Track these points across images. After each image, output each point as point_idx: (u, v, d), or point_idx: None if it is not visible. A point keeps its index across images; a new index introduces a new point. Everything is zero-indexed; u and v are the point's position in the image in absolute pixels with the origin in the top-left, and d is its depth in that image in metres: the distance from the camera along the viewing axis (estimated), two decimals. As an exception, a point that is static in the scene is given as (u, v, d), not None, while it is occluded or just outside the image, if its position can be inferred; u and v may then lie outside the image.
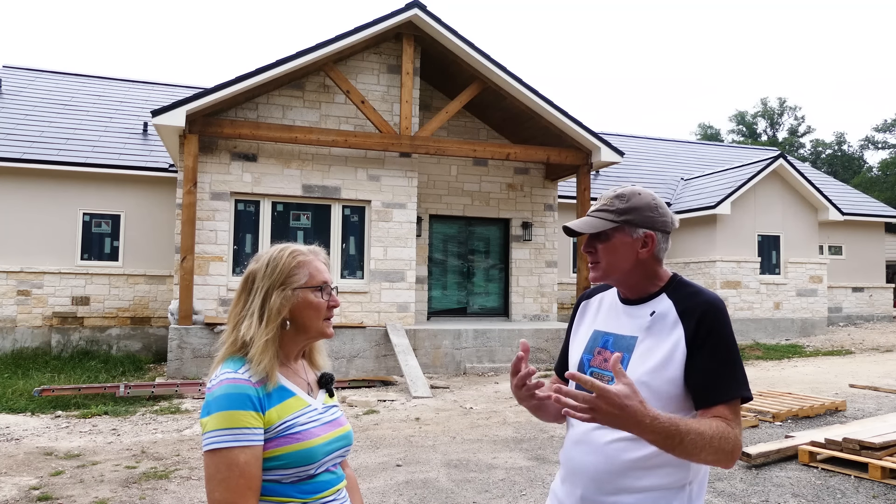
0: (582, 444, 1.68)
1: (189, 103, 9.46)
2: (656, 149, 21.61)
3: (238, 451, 1.38)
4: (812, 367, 11.24)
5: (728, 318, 1.62)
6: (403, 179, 11.26)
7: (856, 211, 18.46)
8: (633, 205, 1.69)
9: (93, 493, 4.72)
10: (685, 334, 1.59)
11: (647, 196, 1.71)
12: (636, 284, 1.72)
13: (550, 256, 13.23)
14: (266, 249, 1.62)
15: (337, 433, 1.56)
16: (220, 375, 1.46)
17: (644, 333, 1.66)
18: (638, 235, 1.68)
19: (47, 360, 10.88)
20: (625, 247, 1.68)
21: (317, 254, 1.63)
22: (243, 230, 10.60)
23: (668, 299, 1.67)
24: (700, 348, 1.57)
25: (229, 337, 1.54)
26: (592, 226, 1.70)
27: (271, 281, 1.54)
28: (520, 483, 4.99)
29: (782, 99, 48.73)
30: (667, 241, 1.73)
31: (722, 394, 1.55)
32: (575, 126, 11.37)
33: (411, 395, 8.58)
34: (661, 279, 1.72)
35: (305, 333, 1.58)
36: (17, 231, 11.88)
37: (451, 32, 10.73)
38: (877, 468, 4.95)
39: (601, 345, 1.73)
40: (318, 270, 1.59)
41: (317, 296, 1.57)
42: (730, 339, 1.60)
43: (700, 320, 1.59)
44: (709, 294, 1.66)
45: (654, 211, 1.69)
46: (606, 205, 1.71)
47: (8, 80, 15.14)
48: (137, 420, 7.16)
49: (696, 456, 1.47)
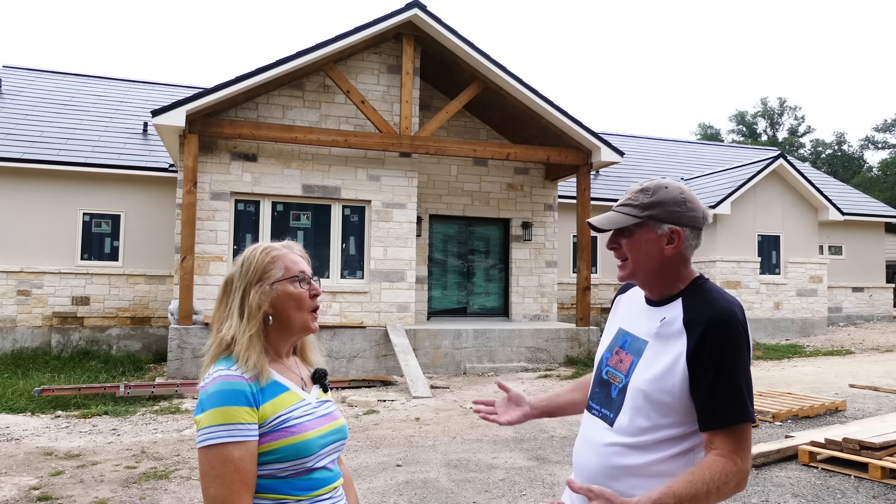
0: (585, 443, 1.68)
1: (189, 103, 9.46)
2: (656, 149, 21.61)
3: (232, 446, 1.39)
4: (812, 367, 11.24)
5: (737, 332, 1.50)
6: (403, 179, 11.26)
7: (856, 211, 18.45)
8: (657, 199, 1.60)
9: (93, 493, 4.72)
10: (686, 347, 1.52)
11: (674, 189, 1.61)
12: (659, 285, 1.64)
13: (550, 256, 13.23)
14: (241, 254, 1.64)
15: (331, 427, 1.57)
16: (214, 373, 1.47)
17: (653, 339, 1.60)
18: (663, 231, 1.59)
19: (47, 360, 10.87)
20: (649, 243, 1.59)
21: (291, 248, 1.64)
22: (243, 230, 10.60)
23: (680, 305, 1.59)
24: (701, 366, 1.49)
25: (214, 339, 1.55)
26: (614, 221, 1.63)
27: (247, 279, 1.55)
28: (520, 483, 4.99)
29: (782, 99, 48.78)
30: (697, 238, 1.62)
31: (720, 419, 1.49)
32: (575, 126, 11.37)
33: (411, 395, 8.58)
34: (683, 281, 1.63)
35: (289, 328, 1.58)
36: (17, 231, 11.88)
37: (451, 32, 10.73)
38: (877, 468, 4.95)
39: (620, 344, 1.69)
40: (293, 262, 1.59)
41: (296, 286, 1.57)
42: (734, 356, 1.49)
43: (703, 335, 1.50)
44: (722, 303, 1.54)
45: (681, 205, 1.59)
46: (631, 199, 1.63)
47: (8, 80, 15.14)
48: (137, 420, 7.16)
49: None
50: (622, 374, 1.63)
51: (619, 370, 1.65)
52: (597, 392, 1.71)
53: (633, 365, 1.61)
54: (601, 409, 1.67)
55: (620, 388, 1.62)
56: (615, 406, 1.62)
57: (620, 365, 1.65)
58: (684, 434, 1.56)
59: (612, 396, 1.65)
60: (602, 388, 1.69)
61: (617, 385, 1.64)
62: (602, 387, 1.69)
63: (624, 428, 1.58)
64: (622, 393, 1.61)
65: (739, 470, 1.48)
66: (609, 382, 1.67)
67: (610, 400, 1.65)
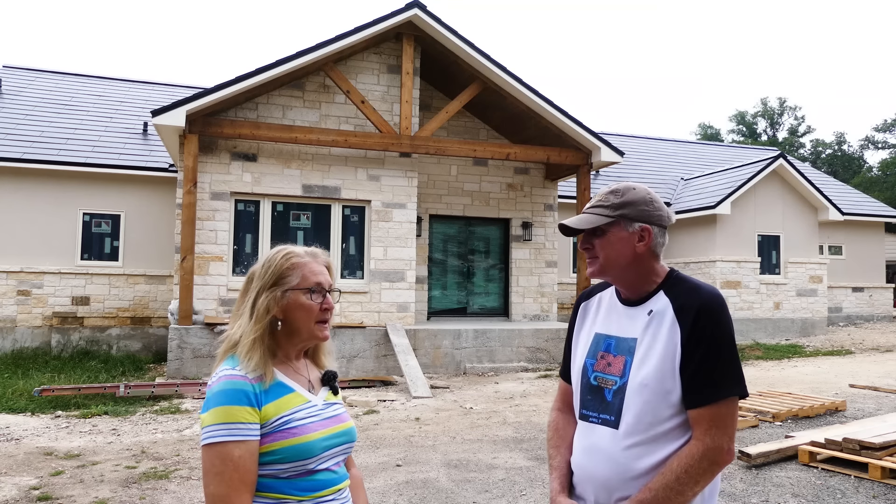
0: (591, 452, 1.67)
1: (189, 103, 9.46)
2: (656, 149, 21.61)
3: (232, 445, 1.40)
4: (812, 367, 11.24)
5: (726, 314, 1.60)
6: (403, 179, 11.26)
7: (856, 211, 18.46)
8: (627, 199, 1.68)
9: (93, 493, 4.72)
10: (681, 333, 1.58)
11: (641, 191, 1.70)
12: (634, 282, 1.70)
13: (550, 256, 13.23)
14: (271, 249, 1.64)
15: (337, 429, 1.57)
16: (220, 372, 1.49)
17: (643, 334, 1.64)
18: (634, 229, 1.67)
19: (47, 360, 10.88)
20: (621, 241, 1.67)
21: (315, 256, 1.63)
22: (243, 230, 10.60)
23: (665, 297, 1.66)
24: (695, 347, 1.56)
25: (226, 335, 1.57)
26: (588, 221, 1.69)
27: (263, 282, 1.56)
28: (520, 483, 4.99)
29: (782, 99, 48.77)
30: (664, 236, 1.71)
31: (713, 393, 1.55)
32: (575, 126, 11.37)
33: (411, 395, 8.58)
34: (658, 276, 1.70)
35: (297, 335, 1.58)
36: (17, 231, 11.88)
37: (451, 32, 10.73)
38: (877, 468, 4.95)
39: (604, 348, 1.71)
40: (312, 273, 1.59)
41: (308, 298, 1.57)
42: (726, 336, 1.58)
43: (696, 318, 1.57)
44: (706, 290, 1.63)
45: (649, 205, 1.69)
46: (602, 201, 1.71)
47: (8, 80, 15.14)
48: (137, 420, 7.16)
49: (688, 496, 1.53)
50: (615, 376, 1.65)
51: (610, 374, 1.67)
52: (589, 400, 1.71)
53: (628, 364, 1.63)
54: (599, 414, 1.67)
55: (616, 390, 1.64)
56: (614, 409, 1.63)
57: (610, 368, 1.67)
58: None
59: (607, 400, 1.66)
60: (594, 395, 1.69)
61: (611, 388, 1.66)
62: (594, 393, 1.70)
63: (632, 427, 1.59)
64: (619, 394, 1.63)
65: (709, 448, 1.53)
66: (601, 388, 1.68)
67: (606, 404, 1.66)
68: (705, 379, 1.55)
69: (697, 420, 1.55)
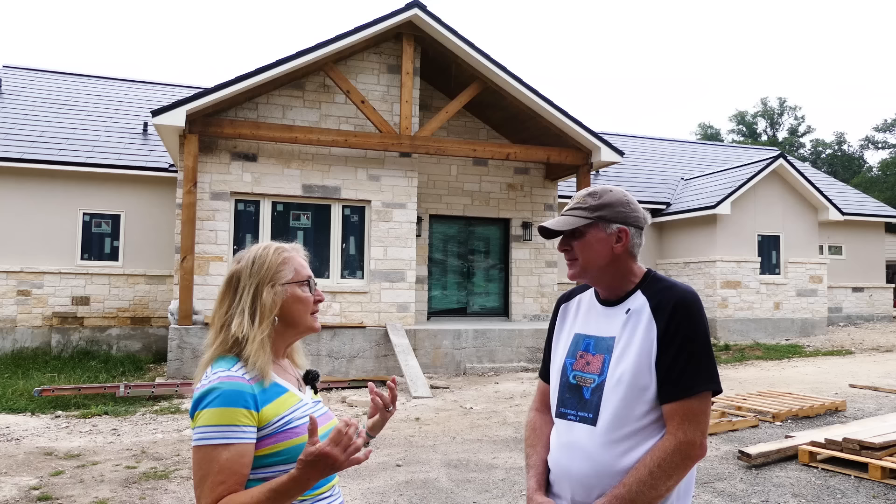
0: (569, 449, 1.68)
1: (189, 103, 9.46)
2: (656, 149, 21.60)
3: (222, 448, 1.40)
4: (812, 367, 11.25)
5: (701, 312, 1.63)
6: (403, 179, 11.26)
7: (856, 211, 18.45)
8: (605, 201, 1.71)
9: (93, 493, 4.72)
10: (657, 329, 1.61)
11: (618, 193, 1.74)
12: (612, 282, 1.73)
13: (550, 256, 13.23)
14: (245, 250, 1.62)
15: (328, 427, 1.59)
16: (213, 374, 1.46)
17: (620, 332, 1.67)
18: (612, 231, 1.70)
19: (47, 360, 10.88)
20: (599, 242, 1.70)
21: (297, 250, 1.65)
22: (243, 230, 10.60)
23: (642, 296, 1.69)
24: (670, 343, 1.59)
25: (217, 337, 1.54)
26: (567, 223, 1.72)
27: (259, 278, 1.55)
28: (520, 483, 4.99)
29: (782, 99, 48.80)
30: (640, 237, 1.75)
31: (687, 388, 1.57)
32: (575, 126, 11.37)
33: (411, 395, 8.58)
34: (635, 276, 1.74)
35: (295, 328, 1.59)
36: (17, 231, 11.88)
37: (451, 32, 10.73)
38: (877, 468, 4.95)
39: (583, 348, 1.74)
40: (301, 266, 1.61)
41: (304, 290, 1.59)
42: (700, 333, 1.61)
43: (671, 315, 1.61)
44: (682, 288, 1.67)
45: (626, 207, 1.72)
46: (580, 203, 1.74)
47: (8, 80, 15.14)
48: (137, 420, 7.16)
49: (661, 490, 1.54)
50: (594, 374, 1.68)
51: (588, 372, 1.69)
52: (567, 398, 1.72)
53: (606, 362, 1.66)
54: (577, 412, 1.69)
55: (594, 388, 1.66)
56: (592, 406, 1.65)
57: (588, 367, 1.70)
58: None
59: (586, 398, 1.68)
60: (573, 393, 1.71)
61: (589, 386, 1.68)
62: (572, 392, 1.72)
63: (609, 424, 1.61)
64: (597, 392, 1.65)
65: (681, 442, 1.55)
66: (579, 386, 1.70)
67: (584, 402, 1.68)
68: (679, 374, 1.58)
69: (671, 415, 1.58)
